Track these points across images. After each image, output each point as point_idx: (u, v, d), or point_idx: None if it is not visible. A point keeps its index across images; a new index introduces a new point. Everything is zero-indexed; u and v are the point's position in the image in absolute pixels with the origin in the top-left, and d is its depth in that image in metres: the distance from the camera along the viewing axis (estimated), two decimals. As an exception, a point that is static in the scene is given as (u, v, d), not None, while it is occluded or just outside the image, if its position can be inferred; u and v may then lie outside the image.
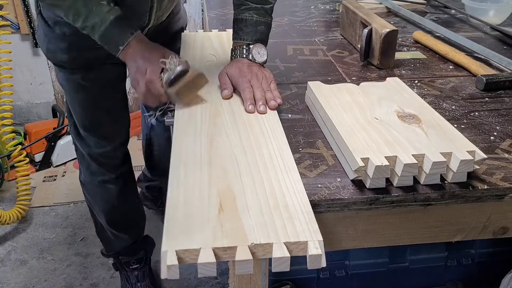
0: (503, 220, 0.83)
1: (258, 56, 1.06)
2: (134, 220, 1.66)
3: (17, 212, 2.03)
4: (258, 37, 1.07)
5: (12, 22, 2.60)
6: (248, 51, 1.06)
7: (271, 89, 1.01)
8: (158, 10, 1.18)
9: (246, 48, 1.06)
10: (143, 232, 1.72)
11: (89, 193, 1.54)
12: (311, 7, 1.83)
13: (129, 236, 1.64)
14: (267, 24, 1.09)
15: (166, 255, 0.60)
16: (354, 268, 1.32)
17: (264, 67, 1.07)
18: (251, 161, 0.79)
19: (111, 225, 1.58)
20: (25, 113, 2.92)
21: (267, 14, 1.08)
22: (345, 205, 0.75)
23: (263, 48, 1.07)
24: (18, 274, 1.85)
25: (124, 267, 1.71)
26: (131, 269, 1.71)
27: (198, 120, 0.92)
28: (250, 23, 1.07)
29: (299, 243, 0.62)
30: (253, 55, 1.05)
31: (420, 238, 0.83)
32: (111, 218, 1.56)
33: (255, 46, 1.06)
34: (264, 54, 1.07)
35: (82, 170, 1.50)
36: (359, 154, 0.75)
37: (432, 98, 1.07)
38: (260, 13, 1.07)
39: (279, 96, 1.00)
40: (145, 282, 1.73)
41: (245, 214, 0.67)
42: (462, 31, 1.53)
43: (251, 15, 1.07)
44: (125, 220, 1.60)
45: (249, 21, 1.07)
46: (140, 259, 1.71)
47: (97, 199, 1.54)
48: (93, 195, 1.54)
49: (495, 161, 0.83)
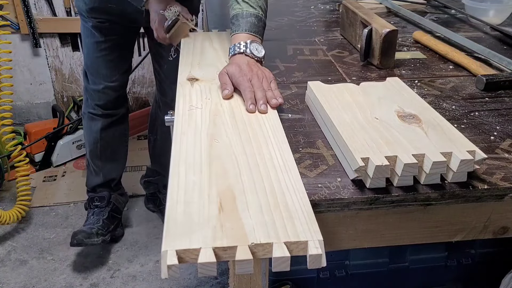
0: (503, 220, 0.83)
1: (256, 51, 1.07)
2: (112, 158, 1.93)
3: (17, 212, 2.03)
4: (248, 27, 1.10)
5: (12, 22, 2.60)
6: (245, 46, 1.07)
7: (271, 88, 1.01)
8: None
9: (244, 43, 1.08)
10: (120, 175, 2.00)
11: (83, 123, 1.89)
12: (311, 7, 1.83)
13: (104, 173, 1.92)
14: (257, 17, 1.13)
15: (166, 255, 0.60)
16: (354, 268, 1.32)
17: (264, 66, 1.08)
18: (251, 161, 0.79)
19: (91, 157, 1.90)
20: (25, 113, 2.92)
21: (257, 7, 1.13)
22: (345, 205, 0.75)
23: (260, 46, 1.10)
24: (18, 274, 1.85)
25: (90, 205, 1.92)
26: (93, 206, 1.91)
27: (198, 120, 0.92)
28: (240, 16, 1.13)
29: (299, 243, 0.62)
30: (251, 49, 1.07)
31: (420, 238, 0.83)
32: (92, 150, 1.88)
33: (252, 44, 1.08)
34: (261, 51, 1.09)
35: (83, 102, 1.86)
36: (359, 154, 0.75)
37: (432, 98, 1.07)
38: (249, 6, 1.13)
39: (280, 96, 0.99)
40: (98, 218, 1.90)
41: (245, 213, 0.67)
42: (462, 31, 1.53)
43: (241, 8, 1.14)
44: (104, 155, 1.89)
45: (239, 15, 1.13)
46: (101, 197, 1.91)
47: (86, 129, 1.89)
48: (84, 126, 1.89)
49: (495, 161, 0.83)
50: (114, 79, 1.78)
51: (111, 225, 1.93)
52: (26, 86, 2.85)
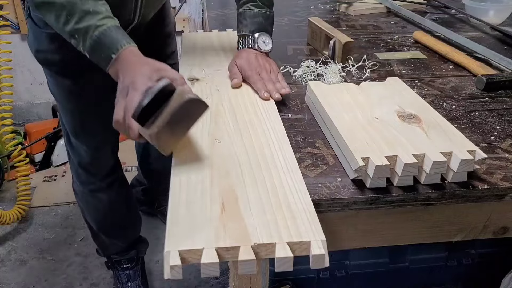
0: (503, 220, 0.83)
1: (263, 45, 1.11)
2: (127, 227, 1.65)
3: (17, 212, 2.03)
4: (256, 27, 1.11)
5: (12, 22, 2.60)
6: (253, 41, 1.11)
7: (279, 80, 1.07)
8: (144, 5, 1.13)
9: (252, 38, 1.11)
10: (138, 236, 1.71)
11: (81, 201, 1.54)
12: (311, 7, 1.83)
13: (122, 242, 1.65)
14: (265, 15, 1.13)
15: (169, 256, 0.60)
16: (354, 268, 1.32)
17: (270, 58, 1.13)
18: (253, 161, 0.79)
19: (103, 233, 1.58)
20: (25, 113, 2.91)
21: (264, 6, 1.13)
22: (346, 204, 0.75)
23: (268, 37, 1.12)
24: (18, 274, 1.85)
25: (115, 266, 1.72)
26: (122, 268, 1.71)
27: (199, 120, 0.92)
28: (248, 15, 1.12)
29: (302, 243, 0.62)
30: (258, 44, 1.11)
31: (420, 238, 0.84)
32: (104, 226, 1.56)
33: (260, 36, 1.11)
34: (269, 42, 1.12)
35: (74, 178, 1.50)
36: (359, 154, 0.75)
37: (432, 98, 1.08)
38: (258, 5, 1.12)
39: (287, 85, 1.06)
40: (136, 281, 1.73)
41: (248, 214, 0.67)
42: (462, 31, 1.53)
43: (249, 8, 1.13)
44: (117, 228, 1.60)
45: (247, 14, 1.12)
46: (131, 258, 1.71)
47: (88, 208, 1.53)
48: (84, 204, 1.53)
49: (495, 161, 0.84)
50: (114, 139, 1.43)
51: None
52: (26, 86, 2.85)
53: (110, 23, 0.86)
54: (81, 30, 0.85)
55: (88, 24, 0.85)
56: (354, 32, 1.53)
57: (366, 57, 1.25)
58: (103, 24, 0.85)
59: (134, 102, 0.76)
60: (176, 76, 0.80)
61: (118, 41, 0.84)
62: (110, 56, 0.84)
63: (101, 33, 0.84)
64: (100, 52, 0.85)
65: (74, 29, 0.86)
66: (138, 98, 0.75)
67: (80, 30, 0.85)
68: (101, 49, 0.85)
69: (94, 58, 0.87)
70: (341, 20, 1.66)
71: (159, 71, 0.80)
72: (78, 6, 0.85)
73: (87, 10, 0.85)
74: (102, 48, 0.84)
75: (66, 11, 0.86)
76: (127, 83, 0.80)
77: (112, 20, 0.87)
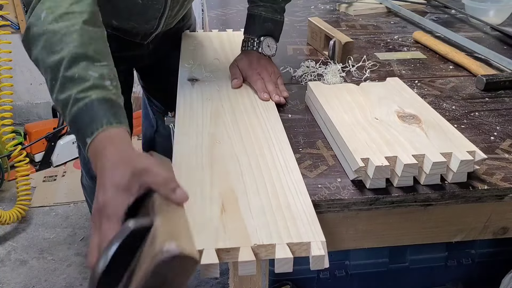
0: (503, 220, 0.83)
1: (268, 49, 1.12)
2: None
3: (17, 212, 2.03)
4: (263, 33, 1.12)
5: (12, 22, 2.60)
6: (258, 44, 1.11)
7: (278, 83, 1.08)
8: (168, 17, 1.16)
9: (257, 41, 1.11)
10: None
11: (89, 196, 1.54)
12: (311, 7, 1.83)
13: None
14: (274, 21, 1.13)
15: (168, 256, 0.60)
16: (354, 268, 1.32)
17: (272, 62, 1.13)
18: (253, 162, 0.79)
19: None
20: (25, 113, 2.92)
21: (276, 12, 1.13)
22: (345, 205, 0.75)
23: (273, 42, 1.12)
24: (18, 274, 1.85)
25: None
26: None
27: (199, 120, 0.92)
28: (257, 19, 1.12)
29: (302, 244, 0.62)
30: (262, 48, 1.11)
31: (420, 238, 0.84)
32: None
33: (265, 39, 1.11)
34: (274, 47, 1.13)
35: (83, 173, 1.50)
36: (359, 154, 0.75)
37: (432, 98, 1.07)
38: (268, 10, 1.12)
39: (285, 90, 1.06)
40: None
41: (248, 214, 0.67)
42: (462, 31, 1.53)
43: (259, 12, 1.12)
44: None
45: (257, 18, 1.12)
46: None
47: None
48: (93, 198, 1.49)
49: (495, 161, 0.84)
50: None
51: None
52: (26, 86, 2.85)
53: (94, 95, 0.67)
54: (61, 102, 0.69)
55: (68, 95, 0.67)
56: (354, 32, 1.53)
57: (366, 57, 1.25)
58: (84, 97, 0.66)
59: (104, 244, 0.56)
60: (160, 180, 0.59)
61: (98, 120, 0.65)
62: (85, 141, 0.66)
63: (80, 109, 0.66)
64: (77, 132, 0.68)
65: (55, 99, 0.70)
66: (106, 243, 0.54)
67: (60, 102, 0.69)
68: (77, 129, 0.67)
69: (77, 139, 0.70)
70: (341, 20, 1.66)
71: (140, 175, 0.59)
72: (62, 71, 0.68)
73: (71, 77, 0.68)
74: (79, 128, 0.67)
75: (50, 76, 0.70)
76: (100, 199, 0.61)
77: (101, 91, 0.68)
